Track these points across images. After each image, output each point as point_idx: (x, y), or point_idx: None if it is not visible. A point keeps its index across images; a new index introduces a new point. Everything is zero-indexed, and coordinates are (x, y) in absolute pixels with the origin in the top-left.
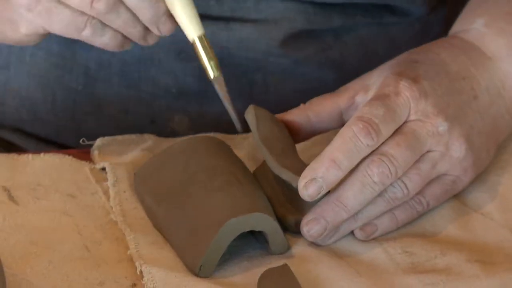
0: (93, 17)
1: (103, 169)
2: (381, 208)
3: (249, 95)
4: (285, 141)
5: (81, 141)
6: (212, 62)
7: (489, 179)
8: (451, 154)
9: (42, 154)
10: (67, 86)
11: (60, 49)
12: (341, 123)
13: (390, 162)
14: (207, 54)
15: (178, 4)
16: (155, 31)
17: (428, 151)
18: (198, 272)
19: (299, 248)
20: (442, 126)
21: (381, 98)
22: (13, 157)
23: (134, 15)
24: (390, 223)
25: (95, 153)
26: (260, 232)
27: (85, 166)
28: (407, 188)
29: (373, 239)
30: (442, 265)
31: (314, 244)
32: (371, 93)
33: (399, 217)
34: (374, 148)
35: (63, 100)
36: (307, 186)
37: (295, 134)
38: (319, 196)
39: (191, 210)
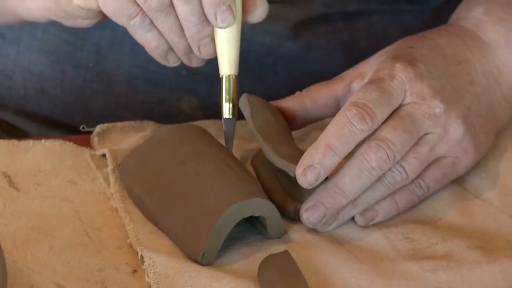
0: (144, 12)
1: (104, 155)
2: (381, 193)
3: (258, 77)
4: (280, 129)
5: (81, 127)
6: (230, 104)
7: (488, 165)
8: (449, 136)
9: (42, 140)
10: (78, 63)
11: None
12: (338, 111)
13: (388, 146)
14: (227, 95)
15: (223, 35)
16: (195, 50)
17: (426, 134)
18: (200, 260)
19: (299, 234)
20: (438, 107)
21: (375, 82)
22: (13, 143)
23: (180, 26)
24: (391, 208)
25: (95, 139)
26: (256, 218)
27: (85, 152)
28: (406, 172)
29: (374, 225)
30: (443, 252)
31: (314, 231)
32: (367, 80)
33: (400, 202)
34: (369, 133)
35: (72, 77)
36: (305, 173)
37: (291, 121)
38: (318, 182)
39: (186, 198)
